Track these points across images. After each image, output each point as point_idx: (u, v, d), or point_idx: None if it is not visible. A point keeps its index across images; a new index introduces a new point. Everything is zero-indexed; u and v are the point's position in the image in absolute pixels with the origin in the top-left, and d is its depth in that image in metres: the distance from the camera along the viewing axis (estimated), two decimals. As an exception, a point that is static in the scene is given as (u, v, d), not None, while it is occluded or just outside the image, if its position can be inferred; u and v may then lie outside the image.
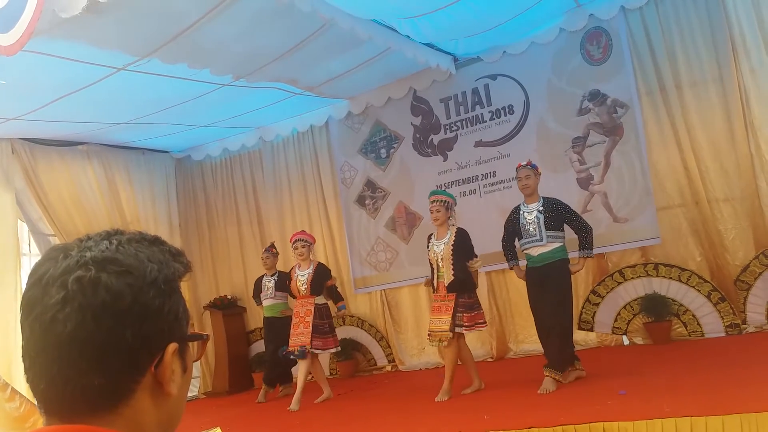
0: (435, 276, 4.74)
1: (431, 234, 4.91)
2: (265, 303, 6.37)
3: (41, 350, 0.66)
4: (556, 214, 4.43)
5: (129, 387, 0.68)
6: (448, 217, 4.76)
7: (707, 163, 5.39)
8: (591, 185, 5.83)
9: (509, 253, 4.72)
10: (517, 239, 4.62)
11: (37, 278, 0.68)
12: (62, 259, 0.68)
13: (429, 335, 4.73)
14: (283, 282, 6.30)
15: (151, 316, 0.68)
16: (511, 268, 4.81)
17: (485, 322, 4.78)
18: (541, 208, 4.44)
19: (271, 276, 6.39)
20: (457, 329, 4.57)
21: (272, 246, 6.56)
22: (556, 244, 4.40)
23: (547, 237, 4.38)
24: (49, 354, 0.66)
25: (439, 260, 4.68)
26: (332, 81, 6.05)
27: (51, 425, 0.67)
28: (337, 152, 7.25)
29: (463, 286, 4.63)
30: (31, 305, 0.67)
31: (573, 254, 4.56)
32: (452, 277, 4.61)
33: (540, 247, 4.40)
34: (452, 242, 4.65)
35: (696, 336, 5.27)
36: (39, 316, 0.66)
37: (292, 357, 5.55)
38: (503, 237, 4.73)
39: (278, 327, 6.20)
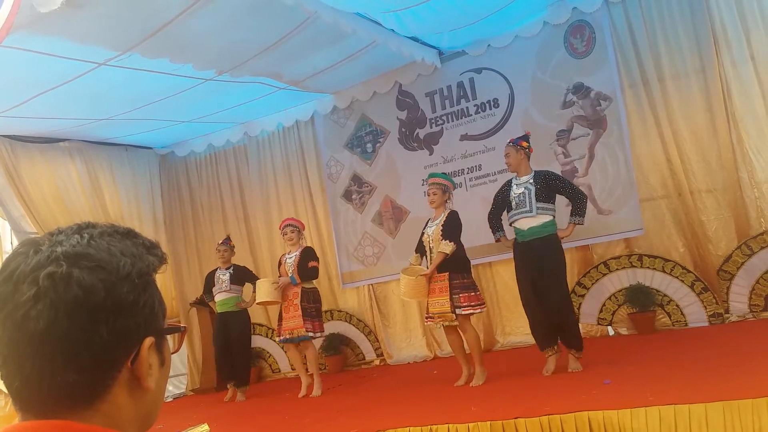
0: (428, 257, 4.72)
1: (429, 218, 4.89)
2: (219, 297, 6.18)
3: (14, 348, 0.65)
4: (548, 185, 4.39)
5: (105, 383, 0.67)
6: (445, 201, 4.74)
7: (690, 154, 5.44)
8: (575, 178, 5.86)
9: (495, 225, 4.67)
10: (506, 213, 4.58)
11: (8, 274, 0.66)
12: (33, 254, 0.67)
13: (430, 318, 4.60)
14: (239, 275, 6.25)
15: (125, 311, 0.67)
16: (497, 240, 4.73)
17: (484, 304, 4.66)
18: (532, 180, 4.42)
19: (226, 269, 6.27)
20: (458, 311, 4.47)
21: (229, 239, 6.47)
22: (546, 218, 4.34)
23: (537, 209, 4.33)
24: (23, 351, 0.65)
25: (431, 241, 4.67)
26: (317, 75, 6.03)
27: (26, 421, 0.67)
28: (323, 147, 7.23)
29: (454, 265, 4.55)
30: (1, 302, 0.66)
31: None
32: None
33: (530, 218, 4.35)
34: (442, 223, 4.63)
35: (680, 326, 5.34)
36: (11, 313, 0.65)
37: (281, 342, 5.56)
38: (490, 209, 4.70)
39: (234, 321, 6.11)
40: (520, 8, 5.57)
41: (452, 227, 4.61)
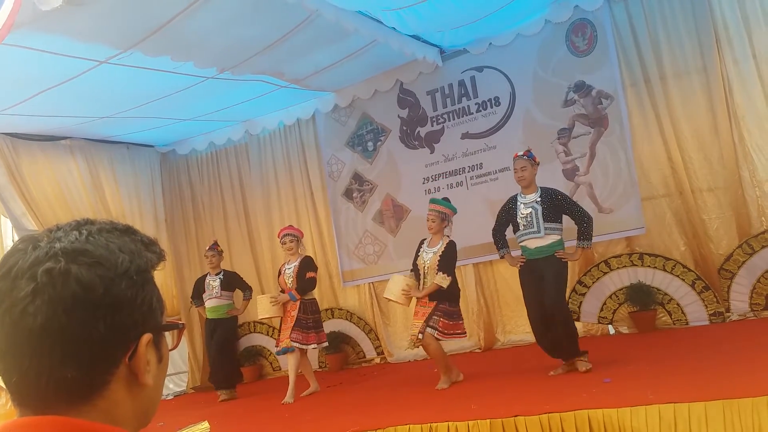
0: (421, 282, 4.78)
1: (424, 239, 4.91)
2: (209, 303, 6.19)
3: (12, 343, 0.65)
4: (555, 205, 4.34)
5: (103, 379, 0.67)
6: (443, 227, 4.78)
7: (691, 153, 5.44)
8: (576, 176, 5.86)
9: (499, 241, 4.64)
10: (512, 230, 4.54)
11: (6, 270, 0.66)
12: (31, 250, 0.67)
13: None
14: (229, 281, 6.24)
15: (123, 308, 0.67)
16: (502, 257, 4.71)
17: (464, 333, 4.79)
18: (538, 199, 4.34)
19: (216, 275, 6.25)
20: (429, 330, 4.56)
21: (216, 244, 6.45)
22: (554, 237, 4.32)
23: (546, 229, 4.29)
24: (21, 347, 0.65)
25: (426, 268, 4.73)
26: (318, 73, 6.03)
27: (24, 417, 0.67)
28: (324, 145, 7.23)
29: (444, 295, 4.65)
30: (0, 298, 0.66)
31: (570, 244, 4.50)
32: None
33: (538, 239, 4.32)
34: (440, 253, 4.67)
35: (680, 324, 5.34)
36: (9, 309, 0.65)
37: (278, 353, 5.61)
38: (494, 226, 4.65)
39: (224, 328, 6.13)
40: (522, 6, 5.57)
41: (449, 260, 4.68)
